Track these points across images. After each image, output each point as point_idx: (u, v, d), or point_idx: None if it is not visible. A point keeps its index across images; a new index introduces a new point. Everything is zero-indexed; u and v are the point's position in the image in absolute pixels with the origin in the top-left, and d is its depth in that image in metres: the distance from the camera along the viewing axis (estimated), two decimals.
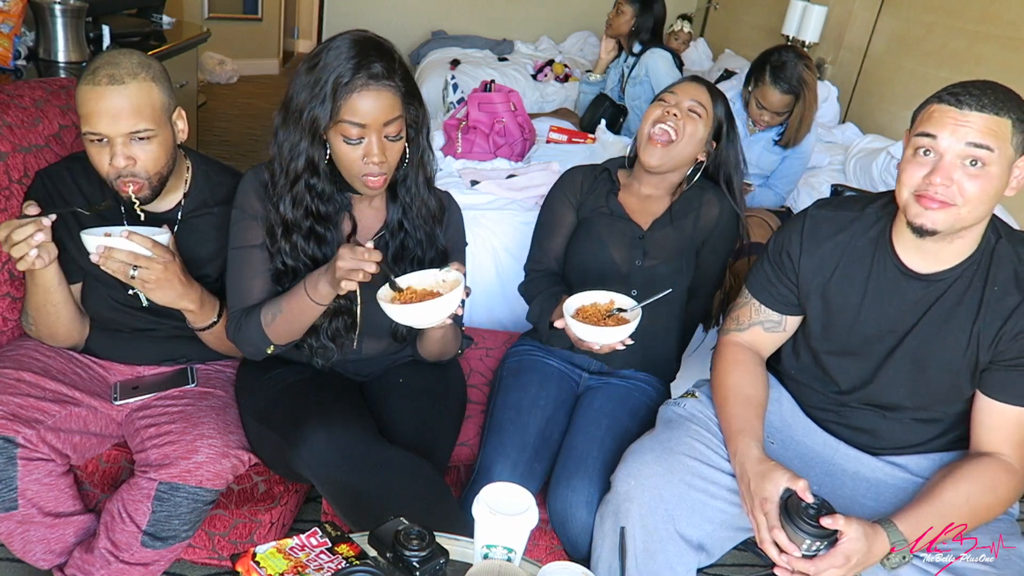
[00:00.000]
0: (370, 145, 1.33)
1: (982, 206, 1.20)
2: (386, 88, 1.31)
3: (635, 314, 1.48)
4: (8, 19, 2.47)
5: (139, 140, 1.38)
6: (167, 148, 1.44)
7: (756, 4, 5.00)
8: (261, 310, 1.41)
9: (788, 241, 1.42)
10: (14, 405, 1.39)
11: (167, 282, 1.37)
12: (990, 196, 1.19)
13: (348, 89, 1.29)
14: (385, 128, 1.33)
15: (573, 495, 1.49)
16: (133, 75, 1.35)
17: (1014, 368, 1.27)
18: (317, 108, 1.30)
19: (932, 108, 1.21)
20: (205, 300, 1.49)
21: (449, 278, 1.34)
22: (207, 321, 1.51)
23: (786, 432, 1.51)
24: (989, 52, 3.06)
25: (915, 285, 1.31)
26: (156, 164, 1.42)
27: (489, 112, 3.11)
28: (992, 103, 1.16)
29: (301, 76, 1.33)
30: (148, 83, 1.37)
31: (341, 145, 1.33)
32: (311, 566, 1.02)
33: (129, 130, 1.36)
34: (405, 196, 1.49)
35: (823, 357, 1.42)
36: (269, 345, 1.44)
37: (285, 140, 1.36)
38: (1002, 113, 1.16)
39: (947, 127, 1.18)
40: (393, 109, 1.33)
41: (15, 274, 1.58)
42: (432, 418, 1.56)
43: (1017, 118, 1.16)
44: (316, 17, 6.84)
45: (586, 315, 1.51)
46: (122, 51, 1.39)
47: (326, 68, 1.30)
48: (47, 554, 1.48)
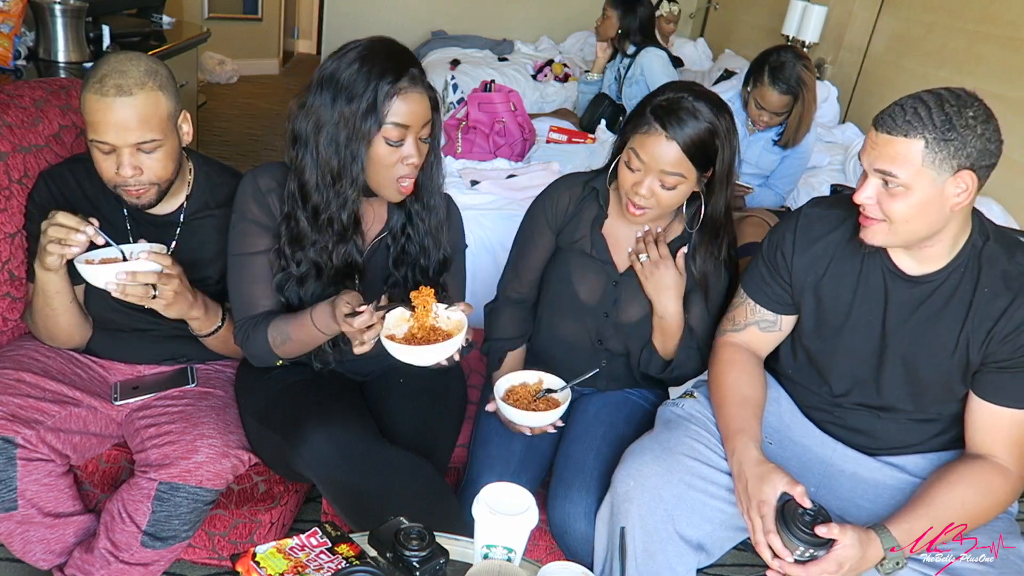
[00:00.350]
0: (410, 147, 1.34)
1: (913, 222, 1.20)
2: (423, 91, 1.34)
3: (565, 395, 1.50)
4: (8, 19, 2.47)
5: (146, 150, 1.38)
6: (173, 154, 1.44)
7: (756, 4, 5.00)
8: (268, 331, 1.41)
9: (782, 240, 1.43)
10: (14, 405, 1.39)
11: (181, 295, 1.39)
12: (918, 212, 1.19)
13: (393, 92, 1.30)
14: (421, 130, 1.35)
15: (571, 506, 1.47)
16: (141, 85, 1.34)
17: (1007, 370, 1.27)
18: (369, 114, 1.30)
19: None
20: (209, 307, 1.50)
21: (454, 317, 1.32)
22: (211, 327, 1.52)
23: (784, 433, 1.51)
24: (989, 52, 3.06)
25: (904, 286, 1.31)
26: (164, 171, 1.43)
27: (489, 112, 3.11)
28: (904, 124, 1.16)
29: (340, 81, 1.30)
30: (155, 92, 1.37)
31: (381, 148, 1.33)
32: (311, 566, 1.02)
33: (136, 140, 1.36)
34: (414, 203, 1.49)
35: (817, 356, 1.43)
36: (277, 359, 1.46)
37: (332, 149, 1.32)
38: (912, 134, 1.15)
39: (865, 148, 1.22)
40: (428, 112, 1.36)
41: (15, 274, 1.58)
42: (432, 418, 1.56)
43: (934, 137, 1.14)
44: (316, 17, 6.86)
45: (516, 397, 1.52)
46: (129, 57, 1.38)
47: (370, 74, 1.29)
48: (47, 554, 1.48)
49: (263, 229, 1.44)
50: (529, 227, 1.67)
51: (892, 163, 1.17)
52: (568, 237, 1.62)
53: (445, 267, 1.54)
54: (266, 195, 1.44)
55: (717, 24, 5.61)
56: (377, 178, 1.37)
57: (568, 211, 1.61)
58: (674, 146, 1.39)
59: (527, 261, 1.67)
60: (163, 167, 1.42)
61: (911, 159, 1.16)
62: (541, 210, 1.64)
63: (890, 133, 1.17)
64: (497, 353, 1.69)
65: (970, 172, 1.16)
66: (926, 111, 1.15)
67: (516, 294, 1.71)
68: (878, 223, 1.23)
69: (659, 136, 1.39)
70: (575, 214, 1.61)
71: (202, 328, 1.51)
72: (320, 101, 1.32)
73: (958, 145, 1.14)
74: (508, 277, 1.72)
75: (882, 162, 1.18)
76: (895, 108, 1.18)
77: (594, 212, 1.60)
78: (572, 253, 1.62)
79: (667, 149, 1.39)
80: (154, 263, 1.33)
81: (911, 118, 1.15)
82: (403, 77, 1.31)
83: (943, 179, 1.16)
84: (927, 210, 1.19)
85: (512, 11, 5.80)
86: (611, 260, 1.60)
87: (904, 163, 1.16)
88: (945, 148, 1.14)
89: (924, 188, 1.17)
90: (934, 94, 1.17)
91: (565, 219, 1.62)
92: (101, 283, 1.31)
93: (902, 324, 1.32)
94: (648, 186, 1.43)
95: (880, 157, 1.19)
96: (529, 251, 1.67)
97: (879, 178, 1.20)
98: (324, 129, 1.32)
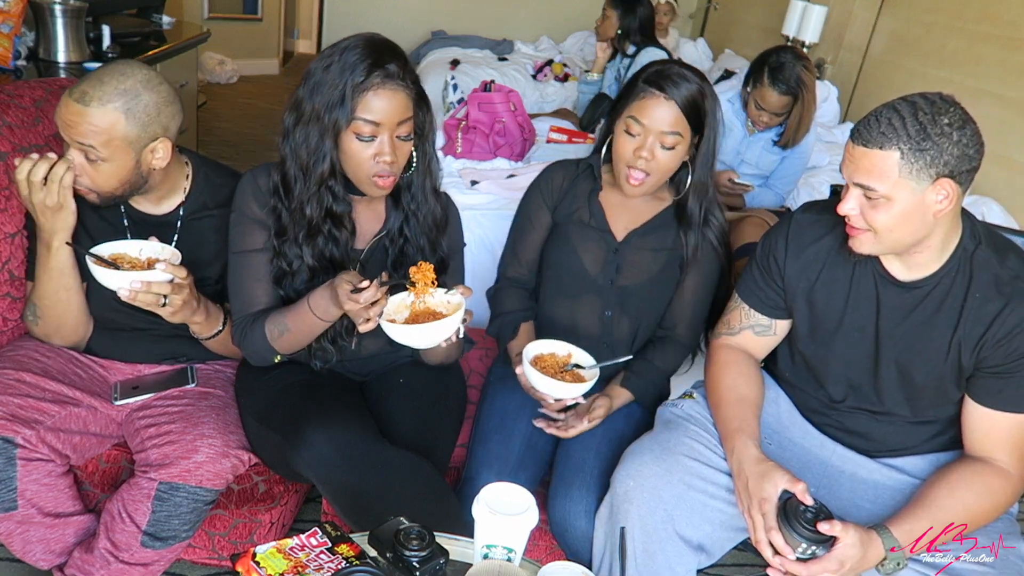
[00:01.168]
0: (382, 144, 1.34)
1: (897, 231, 1.20)
2: (400, 88, 1.33)
3: (592, 373, 1.49)
4: (8, 19, 2.47)
5: (88, 156, 1.37)
6: (119, 175, 1.41)
7: (756, 4, 5.01)
8: (266, 324, 1.42)
9: (774, 245, 1.42)
10: (14, 406, 1.39)
11: (188, 304, 1.40)
12: (901, 221, 1.19)
13: (364, 87, 1.30)
14: (397, 128, 1.34)
15: (571, 505, 1.48)
16: (104, 101, 1.33)
17: (1002, 375, 1.27)
18: (336, 108, 1.30)
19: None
20: (210, 311, 1.50)
21: (453, 300, 1.33)
22: (213, 331, 1.52)
23: (783, 434, 1.51)
24: (989, 52, 3.06)
25: (895, 291, 1.31)
26: (105, 184, 1.41)
27: (489, 112, 3.11)
28: (879, 135, 1.15)
29: (315, 76, 1.33)
30: (114, 114, 1.34)
31: (352, 144, 1.34)
32: (311, 566, 1.02)
33: (79, 140, 1.35)
34: (410, 203, 1.49)
35: (812, 361, 1.43)
36: (275, 355, 1.45)
37: (303, 142, 1.35)
38: (888, 146, 1.14)
39: (844, 163, 1.22)
40: (406, 110, 1.34)
41: (15, 274, 1.58)
42: (432, 418, 1.56)
43: (909, 147, 1.13)
44: (316, 17, 6.85)
45: (543, 364, 1.52)
46: (123, 71, 1.37)
47: (343, 68, 1.30)
48: (47, 554, 1.48)
49: (262, 227, 1.44)
50: (525, 209, 1.71)
51: (869, 176, 1.17)
52: (565, 211, 1.67)
53: (444, 267, 1.54)
54: (265, 194, 1.44)
55: (717, 24, 5.61)
56: (352, 174, 1.38)
57: (563, 187, 1.68)
58: (672, 105, 1.48)
59: (525, 242, 1.71)
60: (104, 180, 1.40)
61: (888, 171, 1.15)
62: (537, 191, 1.70)
63: (866, 145, 1.16)
64: (509, 326, 1.69)
65: (949, 180, 1.15)
66: (900, 121, 1.14)
67: (516, 274, 1.74)
68: (864, 232, 1.23)
69: (657, 98, 1.48)
70: (570, 189, 1.67)
71: (203, 332, 1.52)
72: (301, 95, 1.34)
73: (934, 154, 1.13)
74: (507, 259, 1.75)
75: (860, 175, 1.18)
76: (870, 119, 1.17)
77: (590, 185, 1.67)
78: (572, 225, 1.66)
79: (666, 109, 1.48)
80: (169, 274, 1.33)
81: (885, 129, 1.15)
82: (376, 72, 1.30)
83: (922, 188, 1.16)
84: (910, 219, 1.19)
85: (512, 11, 5.80)
86: (609, 229, 1.65)
87: (881, 176, 1.16)
88: (921, 158, 1.13)
89: (905, 198, 1.16)
90: (908, 102, 1.16)
91: (561, 194, 1.68)
92: (113, 286, 1.31)
93: (895, 329, 1.32)
94: (649, 147, 1.50)
95: (858, 170, 1.18)
96: (527, 231, 1.70)
97: (859, 190, 1.20)
98: (301, 122, 1.34)
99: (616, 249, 1.64)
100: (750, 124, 2.71)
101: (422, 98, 1.39)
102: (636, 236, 1.64)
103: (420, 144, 1.44)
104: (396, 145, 1.35)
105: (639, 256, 1.64)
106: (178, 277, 1.34)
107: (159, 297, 1.34)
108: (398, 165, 1.38)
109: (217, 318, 1.52)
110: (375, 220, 1.52)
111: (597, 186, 1.66)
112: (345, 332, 1.51)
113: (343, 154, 1.36)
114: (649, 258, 1.64)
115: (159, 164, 1.45)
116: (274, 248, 1.44)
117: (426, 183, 1.48)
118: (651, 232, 1.64)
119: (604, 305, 1.65)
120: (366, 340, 1.56)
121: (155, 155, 1.43)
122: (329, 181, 1.38)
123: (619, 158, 1.54)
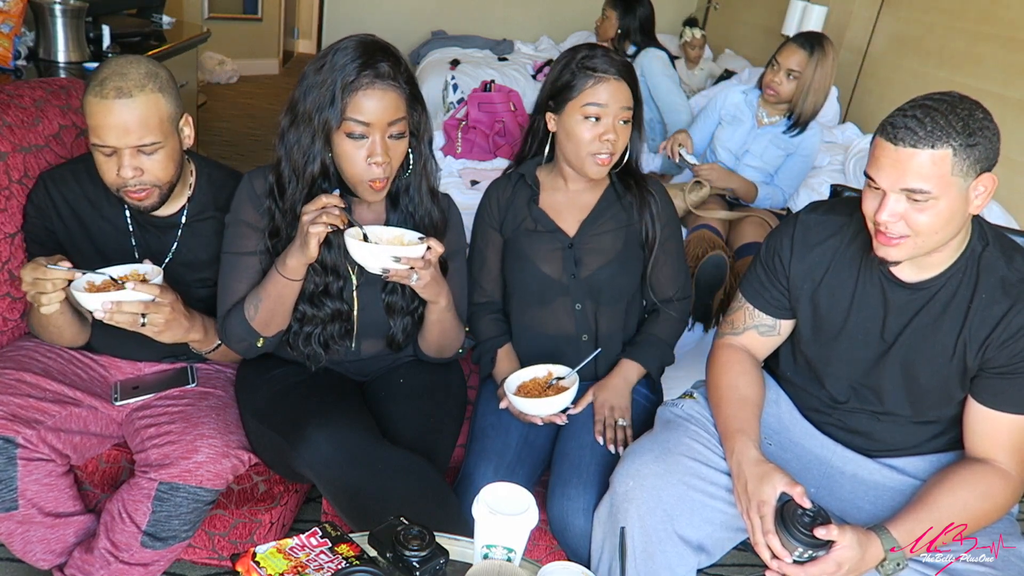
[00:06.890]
0: (373, 144, 1.33)
1: (940, 232, 1.18)
2: (391, 88, 1.32)
3: (572, 380, 1.55)
4: (8, 19, 2.47)
5: (146, 152, 1.38)
6: (174, 157, 1.44)
7: (756, 4, 5.00)
8: (243, 304, 1.42)
9: (779, 245, 1.42)
10: (14, 405, 1.39)
11: (174, 322, 1.39)
12: (945, 221, 1.16)
13: (354, 87, 1.30)
14: (389, 128, 1.34)
15: (569, 503, 1.48)
16: (140, 87, 1.35)
17: (1005, 376, 1.26)
18: (327, 109, 1.30)
19: (876, 141, 1.18)
20: (208, 327, 1.50)
21: (408, 238, 1.37)
22: (211, 345, 1.53)
23: (784, 434, 1.51)
24: (989, 52, 3.06)
25: (901, 293, 1.30)
26: (165, 173, 1.43)
27: (489, 112, 3.11)
28: (928, 135, 1.11)
29: (308, 78, 1.34)
30: (155, 95, 1.37)
31: (345, 144, 1.33)
32: (311, 566, 1.02)
33: (136, 143, 1.36)
34: (408, 205, 1.49)
35: (815, 361, 1.42)
36: (258, 338, 1.44)
37: (296, 143, 1.36)
38: (939, 144, 1.11)
39: (883, 168, 1.16)
40: (398, 110, 1.34)
41: (15, 274, 1.58)
42: (433, 418, 1.56)
43: (960, 144, 1.11)
44: (316, 17, 6.84)
45: (527, 390, 1.57)
46: (130, 60, 1.39)
47: (333, 69, 1.30)
48: (47, 554, 1.48)
49: (255, 231, 1.44)
50: (474, 238, 1.75)
51: (920, 177, 1.12)
52: (512, 225, 1.69)
53: (444, 269, 1.53)
54: (260, 197, 1.44)
55: (717, 24, 5.61)
56: (346, 176, 1.38)
57: (502, 204, 1.71)
58: (621, 82, 1.54)
59: (484, 268, 1.73)
60: (163, 169, 1.42)
61: (941, 170, 1.12)
62: (480, 219, 1.73)
63: (915, 146, 1.11)
64: (488, 355, 1.71)
65: (989, 174, 1.15)
66: (943, 118, 1.11)
67: (483, 299, 1.75)
68: (903, 240, 1.18)
69: (609, 80, 1.53)
70: (509, 204, 1.70)
71: (203, 347, 1.52)
72: (296, 96, 1.35)
73: (982, 149, 1.12)
74: (470, 288, 1.73)
75: (910, 179, 1.13)
76: (909, 120, 1.12)
77: (527, 194, 1.69)
78: (521, 235, 1.68)
79: (619, 87, 1.54)
80: (144, 293, 1.32)
81: (932, 128, 1.11)
82: (366, 72, 1.30)
83: (967, 184, 1.14)
84: (953, 218, 1.16)
85: (512, 11, 5.79)
86: (558, 228, 1.66)
87: (932, 176, 1.12)
88: (971, 153, 1.12)
89: (952, 196, 1.14)
90: (935, 99, 1.14)
91: (503, 212, 1.70)
92: (91, 308, 1.31)
93: (900, 330, 1.31)
94: (614, 127, 1.54)
95: (907, 174, 1.13)
96: (484, 258, 1.73)
97: (902, 195, 1.16)
98: (295, 124, 1.35)
99: (570, 244, 1.65)
100: (761, 116, 2.72)
101: (416, 98, 1.39)
102: (589, 223, 1.66)
103: (416, 145, 1.44)
104: (388, 145, 1.35)
105: (597, 242, 1.65)
106: (151, 295, 1.32)
107: (136, 317, 1.32)
108: (391, 166, 1.37)
109: (216, 332, 1.52)
110: (374, 221, 1.52)
111: (535, 192, 1.68)
112: (339, 336, 1.50)
113: (337, 155, 1.36)
114: (608, 240, 1.65)
115: (188, 142, 1.48)
116: (268, 248, 1.44)
117: (422, 184, 1.48)
118: (602, 215, 1.66)
119: (573, 300, 1.67)
120: (364, 342, 1.56)
121: (184, 132, 1.46)
122: (322, 183, 1.38)
123: (580, 147, 1.55)
